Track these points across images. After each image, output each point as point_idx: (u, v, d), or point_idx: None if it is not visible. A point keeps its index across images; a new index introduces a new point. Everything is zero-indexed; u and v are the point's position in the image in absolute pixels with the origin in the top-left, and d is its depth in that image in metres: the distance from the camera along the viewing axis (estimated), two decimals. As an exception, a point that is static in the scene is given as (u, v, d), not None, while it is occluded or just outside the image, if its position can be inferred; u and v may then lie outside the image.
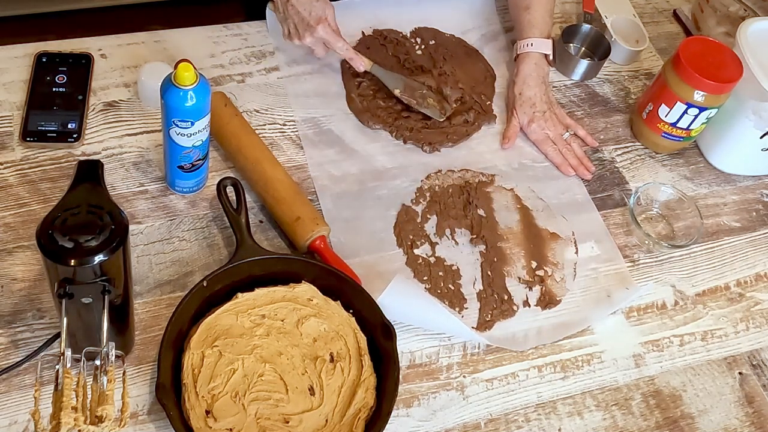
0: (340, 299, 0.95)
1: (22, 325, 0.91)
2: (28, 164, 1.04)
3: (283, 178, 1.04)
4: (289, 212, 1.01)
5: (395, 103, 1.20)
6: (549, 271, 1.08)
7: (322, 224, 1.01)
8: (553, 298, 1.05)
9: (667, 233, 1.15)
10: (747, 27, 1.18)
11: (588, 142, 1.22)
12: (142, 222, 1.02)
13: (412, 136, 1.17)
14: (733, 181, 1.25)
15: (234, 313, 0.91)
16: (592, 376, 1.00)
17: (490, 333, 1.01)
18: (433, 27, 1.32)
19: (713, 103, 1.15)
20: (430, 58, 1.27)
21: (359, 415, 0.88)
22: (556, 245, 1.11)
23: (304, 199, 1.03)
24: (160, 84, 0.92)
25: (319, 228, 1.00)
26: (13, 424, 0.84)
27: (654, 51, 1.40)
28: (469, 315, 1.02)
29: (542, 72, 1.23)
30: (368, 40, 1.27)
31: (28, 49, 1.14)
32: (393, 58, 1.26)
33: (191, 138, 0.96)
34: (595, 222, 1.14)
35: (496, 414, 0.95)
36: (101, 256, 0.71)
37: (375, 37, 1.28)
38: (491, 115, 1.23)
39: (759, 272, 1.14)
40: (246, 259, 0.94)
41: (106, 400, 0.71)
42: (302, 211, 1.01)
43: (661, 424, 0.98)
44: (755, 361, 1.05)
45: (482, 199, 1.13)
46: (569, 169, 1.18)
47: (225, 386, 0.86)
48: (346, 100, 1.20)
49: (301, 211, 1.01)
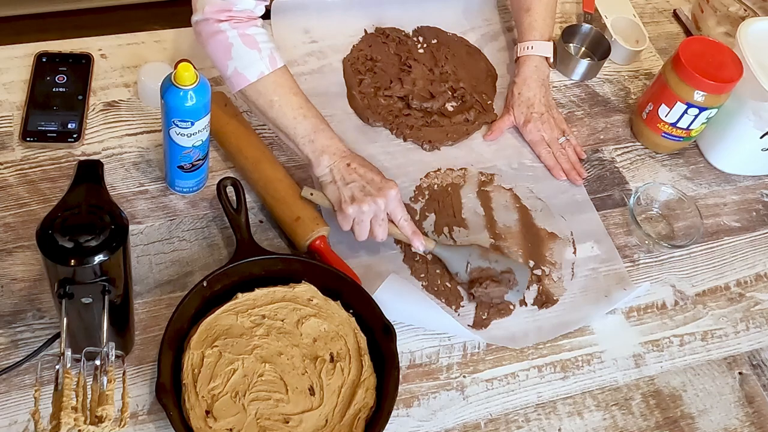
0: (340, 299, 0.95)
1: (22, 325, 0.91)
2: (28, 164, 1.04)
3: (283, 178, 1.04)
4: (289, 212, 1.01)
5: (396, 101, 1.20)
6: (547, 270, 1.08)
7: (322, 224, 1.01)
8: (550, 298, 1.05)
9: (667, 233, 1.15)
10: (747, 27, 1.18)
11: (577, 152, 1.21)
12: (142, 222, 1.02)
13: (413, 134, 1.17)
14: (733, 181, 1.25)
15: (234, 313, 0.91)
16: (592, 376, 1.00)
17: (486, 331, 1.01)
18: (435, 26, 1.32)
19: (713, 103, 1.15)
20: (432, 57, 1.27)
21: (359, 415, 0.88)
22: (555, 245, 1.11)
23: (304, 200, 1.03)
24: (160, 84, 0.92)
25: (319, 228, 1.00)
26: (13, 424, 0.84)
27: (654, 51, 1.40)
28: (465, 313, 1.02)
29: (542, 74, 1.23)
30: (370, 38, 1.28)
31: (28, 49, 1.14)
32: (395, 56, 1.26)
33: (191, 138, 0.96)
34: (593, 222, 1.14)
35: (496, 414, 0.95)
36: (101, 256, 0.71)
37: (377, 35, 1.28)
38: (492, 114, 1.23)
39: (759, 272, 1.14)
40: (246, 259, 0.94)
41: (106, 400, 0.71)
42: (302, 211, 1.01)
43: (661, 424, 0.98)
44: (755, 361, 1.05)
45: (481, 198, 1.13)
46: (561, 173, 1.18)
47: (225, 386, 0.86)
48: (347, 97, 1.20)
49: (302, 211, 1.01)
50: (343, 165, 0.98)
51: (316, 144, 0.99)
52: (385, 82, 1.21)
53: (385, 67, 1.24)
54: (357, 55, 1.24)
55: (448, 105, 1.22)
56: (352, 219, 0.97)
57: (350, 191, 0.97)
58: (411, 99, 1.20)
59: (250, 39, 0.97)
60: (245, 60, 0.97)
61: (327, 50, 1.25)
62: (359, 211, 0.96)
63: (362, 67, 1.23)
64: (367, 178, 0.98)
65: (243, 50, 0.97)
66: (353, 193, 0.97)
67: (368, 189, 0.97)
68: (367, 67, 1.23)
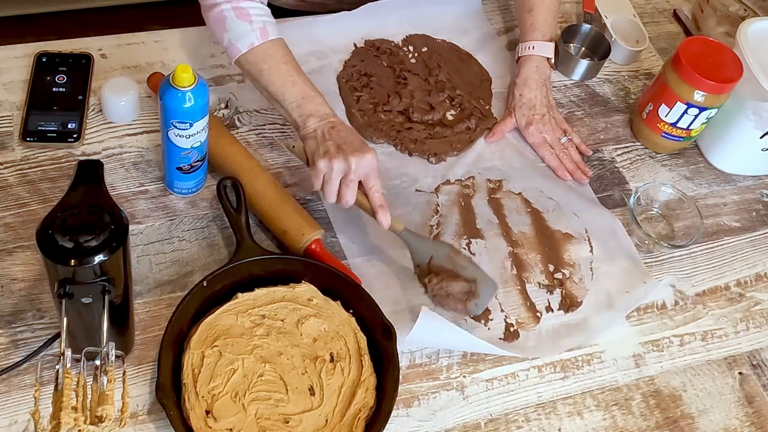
0: (340, 299, 0.95)
1: (22, 325, 0.91)
2: (28, 164, 1.04)
3: (266, 191, 1.02)
4: (275, 226, 1.01)
5: (396, 116, 1.18)
6: (567, 273, 1.08)
7: (309, 231, 0.99)
8: (574, 301, 1.05)
9: (667, 233, 1.15)
10: (747, 27, 1.18)
11: (582, 150, 1.21)
12: (142, 222, 1.02)
13: (417, 148, 1.16)
14: (733, 181, 1.25)
15: (234, 313, 0.91)
16: (592, 376, 1.00)
17: (518, 344, 1.00)
18: (424, 34, 1.31)
19: (713, 103, 1.15)
20: (425, 66, 1.26)
21: (359, 415, 0.88)
22: (571, 246, 1.11)
23: (289, 209, 1.01)
24: (159, 85, 0.92)
25: (306, 237, 0.99)
26: (13, 424, 0.84)
27: (654, 51, 1.40)
28: (495, 326, 1.01)
29: (543, 75, 1.23)
30: (361, 52, 1.26)
31: (28, 49, 1.14)
32: (388, 69, 1.24)
33: (190, 139, 0.96)
34: (605, 216, 1.14)
35: (496, 414, 0.95)
36: (101, 256, 0.71)
37: (368, 48, 1.26)
38: (491, 119, 1.23)
39: (759, 272, 1.14)
40: (246, 259, 0.94)
41: (106, 400, 0.71)
42: (288, 223, 1.00)
43: (661, 424, 0.98)
44: (755, 361, 1.05)
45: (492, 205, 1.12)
46: (566, 174, 1.18)
47: (225, 386, 0.86)
48: (347, 116, 1.17)
49: (287, 223, 1.00)
50: (328, 127, 0.99)
51: (303, 109, 1.00)
52: (382, 97, 1.20)
53: (381, 81, 1.22)
54: (351, 72, 1.22)
55: (447, 114, 1.21)
56: (322, 175, 0.97)
57: (326, 147, 0.97)
58: (411, 112, 1.18)
59: (243, 12, 1.02)
60: (237, 32, 1.02)
61: (327, 51, 1.25)
62: (329, 167, 0.95)
63: (357, 83, 1.21)
64: (346, 140, 0.98)
65: (235, 23, 1.02)
66: (328, 149, 0.96)
67: (344, 148, 0.96)
68: (363, 83, 1.21)
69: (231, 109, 1.15)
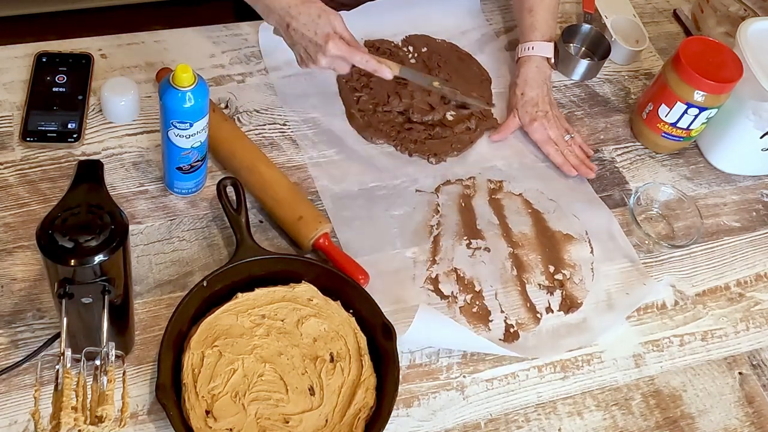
0: (340, 299, 0.95)
1: (22, 325, 0.91)
2: (28, 164, 1.04)
3: (280, 179, 1.04)
4: (290, 212, 1.01)
5: (396, 116, 1.18)
6: (567, 274, 1.08)
7: (324, 222, 1.01)
8: (575, 302, 1.05)
9: (667, 233, 1.15)
10: (747, 27, 1.18)
11: (584, 150, 1.21)
12: (142, 222, 1.02)
13: (417, 148, 1.16)
14: (733, 181, 1.25)
15: (234, 313, 0.91)
16: (592, 376, 1.00)
17: (518, 344, 1.00)
18: (423, 34, 1.31)
19: (713, 103, 1.15)
20: (425, 66, 1.26)
21: (359, 415, 0.88)
22: (571, 247, 1.11)
23: (304, 199, 1.03)
24: (159, 85, 0.92)
25: (322, 226, 1.00)
26: (13, 424, 0.84)
27: (654, 51, 1.40)
28: (495, 327, 1.01)
29: (543, 75, 1.23)
30: None
31: (28, 49, 1.14)
32: None
33: (190, 139, 0.96)
34: (605, 217, 1.14)
35: (496, 414, 0.95)
36: (101, 256, 0.71)
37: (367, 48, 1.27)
38: (492, 119, 1.23)
39: (759, 272, 1.14)
40: (246, 259, 0.94)
41: (106, 400, 0.71)
42: (304, 211, 1.01)
43: (661, 424, 0.98)
44: (755, 361, 1.05)
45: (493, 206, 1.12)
46: (571, 169, 1.18)
47: (225, 386, 0.86)
48: (347, 117, 1.18)
49: (303, 211, 1.01)
50: (283, 28, 1.05)
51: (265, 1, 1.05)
52: (382, 98, 1.20)
53: (381, 82, 1.21)
54: (350, 72, 1.23)
55: (447, 114, 1.21)
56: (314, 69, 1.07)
57: (298, 54, 1.06)
58: (411, 113, 1.18)
59: None
60: None
61: None
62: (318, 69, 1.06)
63: (357, 83, 1.21)
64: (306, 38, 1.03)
65: None
66: (301, 56, 1.06)
67: (312, 49, 1.03)
68: (363, 83, 1.21)
69: (231, 109, 1.15)
